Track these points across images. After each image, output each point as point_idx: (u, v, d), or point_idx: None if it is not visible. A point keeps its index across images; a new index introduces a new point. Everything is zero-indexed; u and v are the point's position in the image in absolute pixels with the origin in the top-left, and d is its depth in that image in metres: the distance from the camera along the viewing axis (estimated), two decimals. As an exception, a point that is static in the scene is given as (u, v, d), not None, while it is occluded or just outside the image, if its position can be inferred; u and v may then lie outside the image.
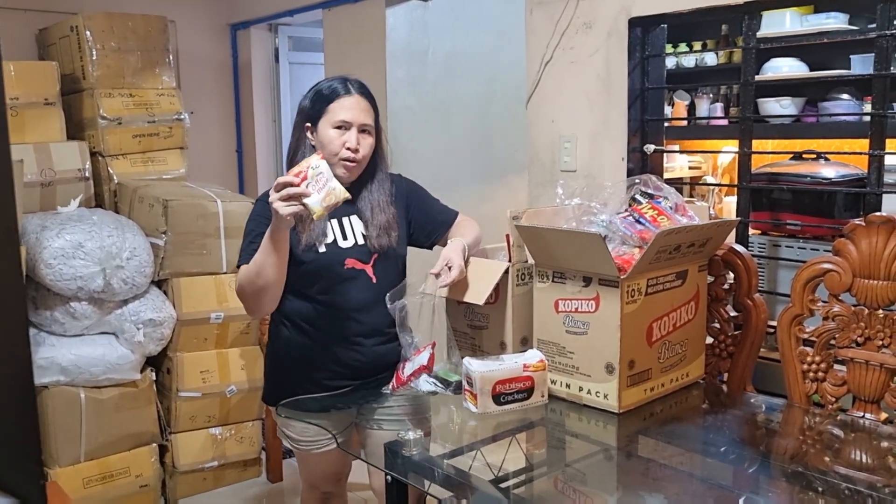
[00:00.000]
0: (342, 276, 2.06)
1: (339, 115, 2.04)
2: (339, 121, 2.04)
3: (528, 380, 1.86)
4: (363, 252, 2.10)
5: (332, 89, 2.07)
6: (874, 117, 2.27)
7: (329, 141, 2.04)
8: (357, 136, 2.05)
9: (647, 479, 1.68)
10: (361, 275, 2.08)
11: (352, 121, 2.04)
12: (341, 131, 2.04)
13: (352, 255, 2.08)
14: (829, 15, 2.83)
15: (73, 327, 2.87)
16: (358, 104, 2.06)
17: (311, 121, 2.09)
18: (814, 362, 1.99)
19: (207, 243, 3.12)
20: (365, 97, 2.09)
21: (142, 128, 3.44)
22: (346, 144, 2.04)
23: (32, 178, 3.09)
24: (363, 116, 2.07)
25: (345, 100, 2.05)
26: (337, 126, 2.04)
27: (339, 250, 2.07)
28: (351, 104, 2.05)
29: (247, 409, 3.29)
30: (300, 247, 2.03)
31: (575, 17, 2.78)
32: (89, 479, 2.93)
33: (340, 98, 2.05)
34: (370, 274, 2.09)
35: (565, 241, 1.85)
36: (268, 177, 4.54)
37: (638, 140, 2.74)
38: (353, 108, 2.05)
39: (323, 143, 2.05)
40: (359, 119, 2.05)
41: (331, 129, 2.04)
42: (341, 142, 2.04)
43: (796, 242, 2.67)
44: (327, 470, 2.28)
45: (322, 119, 2.06)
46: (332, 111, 2.05)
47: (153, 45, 3.52)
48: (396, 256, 2.17)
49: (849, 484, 1.57)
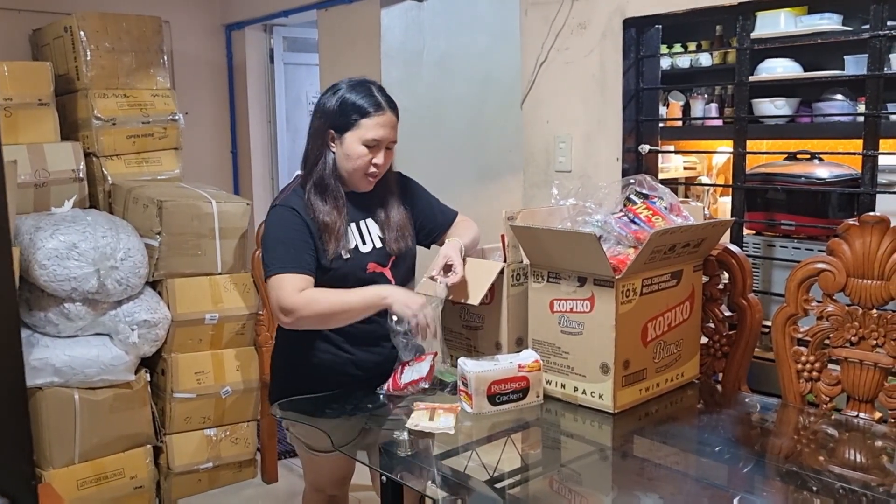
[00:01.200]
0: (364, 280, 2.06)
1: (371, 133, 2.00)
2: (371, 139, 2.00)
3: (524, 380, 1.86)
4: (382, 255, 2.10)
5: (367, 103, 2.01)
6: (868, 118, 2.28)
7: (357, 156, 2.02)
8: (384, 153, 2.04)
9: (642, 478, 1.68)
10: (381, 277, 2.09)
11: (382, 140, 2.02)
12: (371, 149, 2.02)
13: (372, 259, 2.08)
14: (822, 16, 2.83)
15: (67, 328, 2.86)
16: (389, 122, 2.03)
17: (336, 129, 2.03)
18: (808, 362, 2.00)
19: (202, 244, 3.12)
20: (393, 111, 2.06)
21: (136, 128, 3.44)
22: (374, 162, 2.03)
23: (26, 179, 3.08)
24: (392, 134, 2.05)
25: (378, 118, 2.01)
26: (367, 144, 2.01)
27: (361, 255, 2.07)
28: (383, 122, 2.02)
29: (242, 410, 3.28)
30: (328, 255, 2.02)
31: (569, 18, 2.78)
32: (83, 481, 2.92)
33: (373, 116, 2.00)
34: (389, 276, 2.10)
35: (560, 242, 1.86)
36: (262, 177, 4.54)
37: (633, 140, 2.75)
38: (385, 125, 2.02)
39: (349, 156, 2.02)
40: (388, 137, 2.04)
41: (360, 146, 2.01)
42: (369, 159, 2.02)
43: (791, 242, 2.68)
44: (337, 473, 2.27)
45: (351, 132, 2.01)
46: (364, 127, 2.00)
47: (147, 45, 3.51)
48: (410, 256, 2.18)
49: (843, 483, 1.57)
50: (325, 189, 2.04)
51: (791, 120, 3.36)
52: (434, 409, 1.81)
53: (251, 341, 3.29)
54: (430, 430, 1.75)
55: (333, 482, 2.30)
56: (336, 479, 2.30)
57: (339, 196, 2.06)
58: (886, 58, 2.31)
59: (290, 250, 1.99)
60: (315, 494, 2.33)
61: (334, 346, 2.10)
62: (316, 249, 2.02)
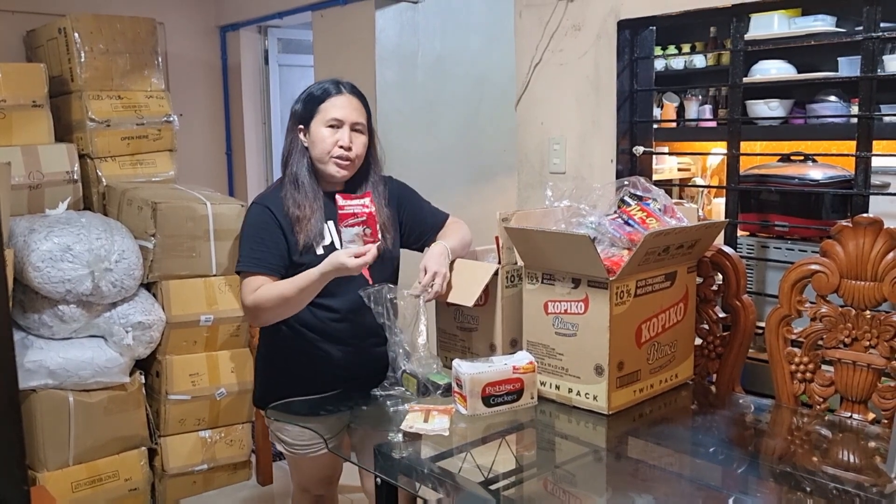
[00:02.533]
0: (339, 279, 2.06)
1: (331, 113, 2.05)
2: (331, 119, 2.05)
3: (518, 381, 1.86)
4: None
5: (323, 89, 2.09)
6: (861, 119, 2.28)
7: (321, 139, 2.05)
8: (349, 134, 2.06)
9: (636, 480, 1.68)
10: (359, 277, 2.08)
11: (343, 119, 2.06)
12: (333, 130, 2.05)
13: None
14: (816, 17, 2.84)
15: (61, 330, 2.85)
16: (349, 103, 2.08)
17: (303, 122, 2.09)
18: (802, 363, 2.00)
19: (197, 246, 3.11)
20: (356, 96, 2.11)
21: (130, 130, 3.43)
22: (339, 142, 2.05)
23: (20, 181, 3.07)
24: (355, 115, 2.08)
25: (336, 99, 2.07)
26: (329, 125, 2.05)
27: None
28: (342, 103, 2.07)
29: (236, 412, 3.27)
30: (298, 248, 2.04)
31: (564, 20, 2.78)
32: (78, 483, 2.91)
33: (332, 97, 2.07)
34: (367, 276, 2.09)
35: (554, 243, 1.86)
36: (257, 179, 4.53)
37: (627, 142, 2.75)
38: (345, 106, 2.07)
39: (315, 143, 2.06)
40: (351, 117, 2.06)
41: (323, 128, 2.05)
42: (334, 140, 2.05)
43: (784, 244, 2.68)
44: (320, 473, 2.28)
45: (314, 119, 2.07)
46: (324, 110, 2.06)
47: (142, 47, 3.51)
48: (391, 258, 2.18)
49: (837, 484, 1.58)
50: (298, 184, 2.07)
51: (785, 121, 3.38)
52: (428, 411, 1.82)
53: (246, 343, 3.28)
54: (424, 432, 1.75)
55: (318, 482, 2.30)
56: (321, 479, 2.30)
57: (311, 191, 2.08)
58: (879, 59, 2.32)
59: (254, 249, 2.03)
60: (302, 494, 2.34)
61: (312, 345, 2.11)
62: (289, 245, 2.03)
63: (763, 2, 2.33)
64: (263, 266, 2.01)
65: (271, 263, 2.01)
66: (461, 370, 1.84)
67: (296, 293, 1.96)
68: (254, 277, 2.00)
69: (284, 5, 3.95)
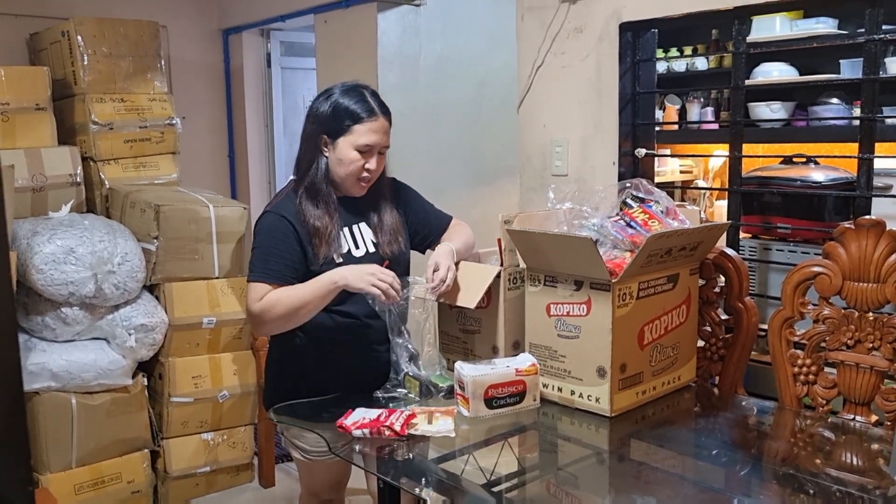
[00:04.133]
0: None
1: (364, 138, 2.01)
2: (363, 145, 2.01)
3: (520, 384, 1.86)
4: (375, 259, 2.10)
5: (360, 108, 2.02)
6: (863, 121, 2.28)
7: (350, 162, 2.03)
8: (377, 158, 2.05)
9: (639, 482, 1.68)
10: None
11: (374, 145, 2.03)
12: (363, 154, 2.03)
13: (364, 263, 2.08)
14: (818, 20, 2.84)
15: (64, 333, 2.86)
16: (382, 127, 2.04)
17: (329, 134, 2.04)
18: (804, 365, 2.00)
19: (199, 248, 3.11)
20: (386, 117, 2.07)
21: (133, 133, 3.43)
22: (367, 167, 2.04)
23: (23, 184, 3.08)
24: (384, 139, 2.06)
25: (371, 123, 2.02)
26: (360, 150, 2.02)
27: (354, 259, 2.07)
28: (376, 128, 2.03)
29: (239, 414, 3.28)
30: (318, 260, 2.03)
31: (566, 22, 2.79)
32: (81, 486, 2.91)
33: (366, 121, 2.01)
34: None
35: (557, 245, 1.86)
36: (260, 181, 4.54)
37: (629, 144, 2.75)
38: (378, 131, 2.03)
39: (342, 162, 2.04)
40: (381, 142, 2.05)
41: (353, 151, 2.02)
42: (362, 164, 2.03)
43: (787, 246, 2.68)
44: (332, 478, 2.27)
45: (344, 137, 2.02)
46: (357, 133, 2.01)
47: (145, 50, 3.51)
48: (403, 261, 2.18)
49: (840, 486, 1.58)
50: (317, 194, 2.05)
51: (787, 123, 3.38)
52: (431, 413, 1.82)
53: (248, 345, 3.29)
54: (429, 434, 1.75)
55: (328, 486, 2.30)
56: (331, 484, 2.29)
57: (330, 201, 2.07)
58: (881, 61, 2.32)
59: (265, 258, 2.01)
60: (311, 499, 2.33)
61: (322, 353, 2.10)
62: (305, 255, 2.02)
63: (765, 4, 2.33)
64: (275, 277, 1.99)
65: (283, 274, 2.00)
66: (464, 372, 1.84)
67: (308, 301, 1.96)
68: (259, 285, 1.99)
69: (287, 8, 3.95)
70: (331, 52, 3.74)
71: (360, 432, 1.77)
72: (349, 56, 3.63)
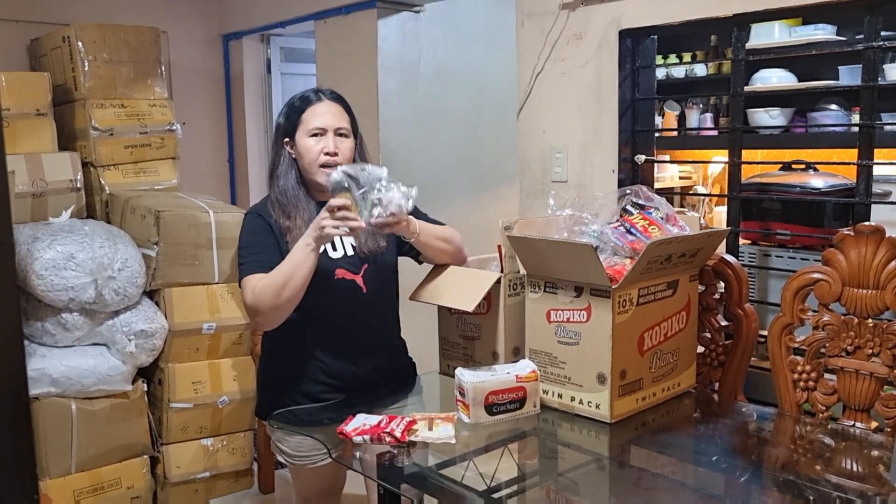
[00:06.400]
0: (333, 288, 2.07)
1: (313, 122, 2.08)
2: (314, 128, 2.07)
3: (521, 390, 1.87)
4: (353, 262, 2.11)
5: (302, 99, 2.12)
6: (862, 128, 2.29)
7: (307, 149, 2.08)
8: (334, 139, 2.08)
9: (639, 488, 1.68)
10: (352, 285, 2.09)
11: (326, 126, 2.08)
12: (318, 138, 2.08)
13: (342, 266, 2.09)
14: (817, 27, 2.85)
15: (64, 338, 2.85)
16: (330, 109, 2.10)
17: (287, 135, 2.12)
18: (804, 371, 2.00)
19: (199, 254, 3.11)
20: (337, 102, 2.13)
21: (134, 138, 3.44)
22: (324, 150, 2.07)
23: (24, 189, 3.08)
24: (337, 120, 2.10)
25: (317, 106, 2.09)
26: (313, 134, 2.07)
27: (330, 261, 2.08)
28: (323, 110, 2.09)
29: (239, 420, 3.27)
30: None
31: (566, 29, 2.80)
32: (80, 491, 2.91)
33: (312, 106, 2.09)
34: (360, 284, 2.10)
35: (557, 252, 1.86)
36: (259, 187, 4.54)
37: (629, 150, 2.76)
38: (326, 113, 2.09)
39: (302, 153, 2.09)
40: (333, 123, 2.09)
41: (308, 138, 2.08)
42: (319, 148, 2.07)
43: (786, 252, 2.69)
44: (322, 484, 2.27)
45: (298, 130, 2.09)
46: (306, 120, 2.08)
47: (145, 55, 3.52)
48: (386, 265, 2.18)
49: (840, 493, 1.58)
50: (285, 194, 2.10)
51: (786, 130, 3.38)
52: (431, 419, 1.82)
53: (248, 351, 3.28)
54: (430, 441, 1.75)
55: (320, 493, 2.29)
56: (322, 490, 2.28)
57: (300, 201, 2.10)
58: (880, 68, 2.33)
59: (251, 253, 2.05)
60: None
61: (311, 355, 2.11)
62: (282, 253, 2.04)
63: (764, 11, 2.34)
64: (265, 266, 2.00)
65: (270, 263, 2.01)
66: (464, 379, 1.84)
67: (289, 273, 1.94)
68: (253, 276, 2.01)
69: (287, 14, 3.96)
70: (331, 58, 3.75)
71: (361, 438, 1.77)
72: (349, 62, 3.64)
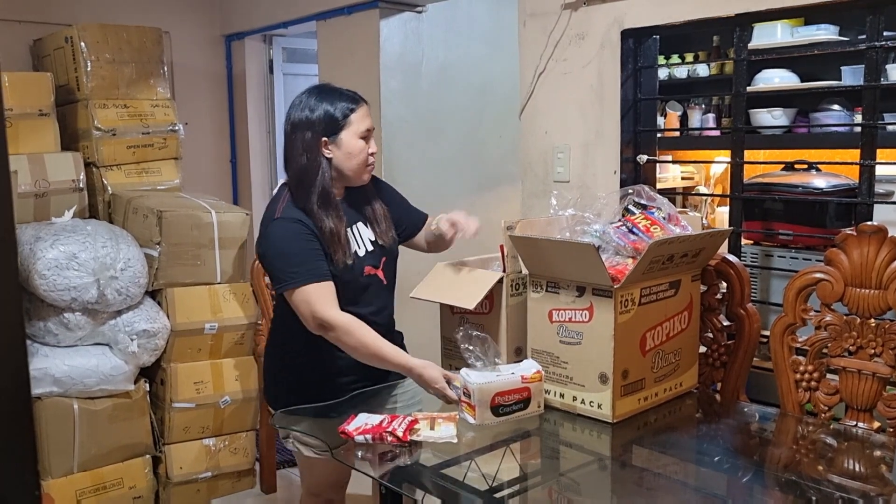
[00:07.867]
0: (363, 284, 2.13)
1: (364, 124, 2.11)
2: (364, 131, 2.11)
3: (526, 391, 1.87)
4: (375, 257, 2.17)
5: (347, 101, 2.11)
6: (865, 128, 2.29)
7: (359, 150, 2.10)
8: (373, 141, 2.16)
9: (641, 488, 1.68)
10: (375, 279, 2.16)
11: (371, 128, 2.14)
12: (366, 140, 2.12)
13: (368, 262, 2.15)
14: (819, 27, 2.84)
15: (66, 338, 2.86)
16: (368, 111, 2.15)
17: (327, 134, 2.09)
18: (806, 371, 2.00)
19: (202, 254, 3.12)
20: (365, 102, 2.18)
21: (136, 138, 3.44)
22: (371, 151, 2.13)
23: (26, 189, 3.08)
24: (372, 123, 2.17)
25: (361, 109, 2.12)
26: (363, 136, 2.11)
27: (360, 259, 2.13)
28: (366, 112, 2.14)
29: (241, 420, 3.27)
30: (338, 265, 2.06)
31: (568, 29, 2.79)
32: (82, 491, 2.91)
33: (358, 109, 2.11)
34: (381, 277, 2.17)
35: (559, 252, 1.86)
36: (262, 187, 4.55)
37: (631, 150, 2.76)
38: (368, 115, 2.14)
39: (351, 154, 2.10)
40: (372, 126, 2.16)
41: (358, 140, 2.10)
42: (368, 150, 2.12)
43: (788, 252, 2.68)
44: (334, 476, 2.28)
45: (345, 130, 2.09)
46: (356, 121, 2.10)
47: (148, 56, 3.52)
48: (395, 256, 2.25)
49: (842, 493, 1.58)
50: (328, 198, 2.09)
51: (788, 130, 3.38)
52: (434, 419, 1.82)
53: (250, 351, 3.29)
54: (431, 440, 1.75)
55: (331, 486, 2.31)
56: (333, 483, 2.30)
57: (338, 205, 2.12)
58: (883, 68, 2.33)
59: (302, 262, 2.02)
60: (311, 499, 2.33)
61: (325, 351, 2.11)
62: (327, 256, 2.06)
63: (766, 11, 2.34)
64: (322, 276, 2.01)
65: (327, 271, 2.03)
66: (469, 380, 1.84)
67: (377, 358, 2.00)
68: (318, 287, 1.99)
69: (289, 15, 3.96)
70: (333, 58, 3.75)
71: (363, 438, 1.77)
72: (351, 62, 3.64)
